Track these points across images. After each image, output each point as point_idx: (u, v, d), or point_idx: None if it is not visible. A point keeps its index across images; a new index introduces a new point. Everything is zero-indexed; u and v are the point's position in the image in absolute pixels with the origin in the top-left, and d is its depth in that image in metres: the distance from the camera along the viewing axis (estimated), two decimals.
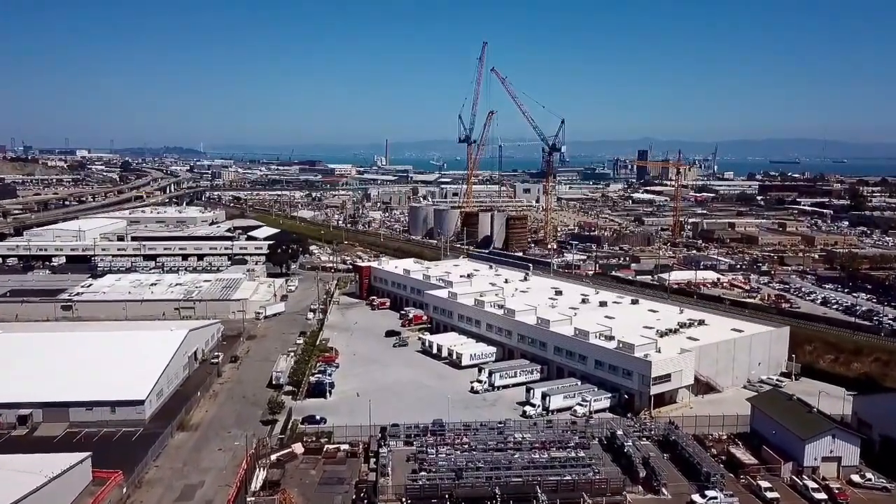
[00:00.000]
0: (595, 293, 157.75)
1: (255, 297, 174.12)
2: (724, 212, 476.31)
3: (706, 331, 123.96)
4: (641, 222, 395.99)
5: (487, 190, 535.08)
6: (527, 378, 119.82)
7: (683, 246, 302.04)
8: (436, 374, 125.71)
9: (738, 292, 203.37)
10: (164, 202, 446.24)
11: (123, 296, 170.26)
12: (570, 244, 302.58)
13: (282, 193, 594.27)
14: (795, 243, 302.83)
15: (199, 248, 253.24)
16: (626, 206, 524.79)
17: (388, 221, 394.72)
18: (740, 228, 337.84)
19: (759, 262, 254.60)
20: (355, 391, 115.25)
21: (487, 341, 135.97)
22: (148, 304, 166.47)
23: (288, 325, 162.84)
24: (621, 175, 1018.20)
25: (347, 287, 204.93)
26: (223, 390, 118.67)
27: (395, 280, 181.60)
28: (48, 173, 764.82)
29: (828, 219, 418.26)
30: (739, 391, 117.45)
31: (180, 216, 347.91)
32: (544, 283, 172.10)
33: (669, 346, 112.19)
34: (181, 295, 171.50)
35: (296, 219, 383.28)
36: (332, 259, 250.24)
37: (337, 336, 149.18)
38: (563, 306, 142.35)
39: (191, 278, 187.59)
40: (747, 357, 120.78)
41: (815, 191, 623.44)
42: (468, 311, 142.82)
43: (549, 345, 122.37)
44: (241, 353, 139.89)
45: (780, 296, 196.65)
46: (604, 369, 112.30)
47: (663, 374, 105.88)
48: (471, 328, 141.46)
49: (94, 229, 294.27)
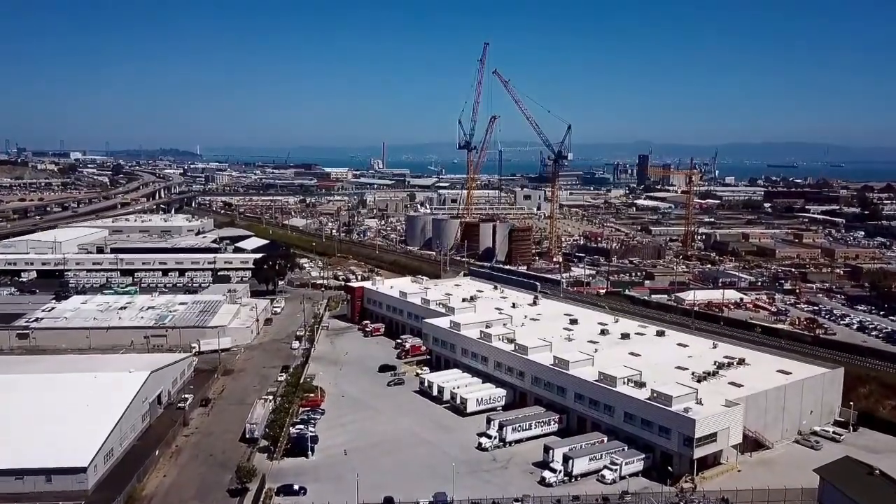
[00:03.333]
0: (614, 321, 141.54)
1: (235, 323, 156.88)
2: (731, 220, 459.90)
3: (749, 373, 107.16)
4: (648, 231, 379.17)
5: (487, 195, 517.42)
6: (543, 430, 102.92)
7: (696, 259, 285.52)
8: (436, 423, 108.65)
9: (763, 315, 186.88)
10: (150, 209, 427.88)
11: (87, 322, 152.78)
12: (576, 257, 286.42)
13: (275, 199, 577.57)
14: (815, 257, 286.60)
15: (181, 262, 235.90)
16: (630, 213, 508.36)
17: (385, 230, 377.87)
18: (754, 240, 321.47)
19: (781, 279, 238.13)
20: (342, 448, 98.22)
21: (495, 381, 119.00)
22: (114, 331, 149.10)
23: (270, 357, 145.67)
24: (621, 180, 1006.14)
25: (338, 308, 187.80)
26: (188, 445, 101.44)
27: (391, 304, 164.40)
28: (38, 176, 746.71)
29: (841, 228, 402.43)
30: (791, 447, 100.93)
31: (165, 225, 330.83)
32: (556, 308, 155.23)
33: (710, 395, 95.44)
34: (152, 321, 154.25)
35: (287, 227, 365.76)
36: (324, 274, 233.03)
37: (324, 372, 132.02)
38: (581, 339, 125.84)
39: (165, 300, 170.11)
40: (798, 405, 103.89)
41: (822, 197, 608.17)
42: (473, 345, 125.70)
43: (569, 390, 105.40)
44: (213, 393, 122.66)
45: (812, 320, 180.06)
46: (635, 424, 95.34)
47: (708, 434, 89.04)
48: (476, 365, 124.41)
49: (72, 240, 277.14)
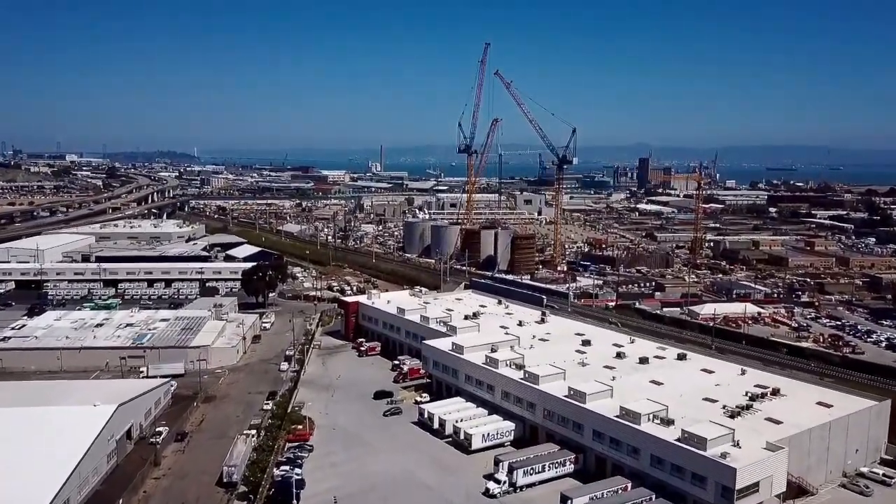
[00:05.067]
0: (630, 341, 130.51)
1: (220, 342, 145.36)
2: (737, 225, 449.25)
3: (786, 407, 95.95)
4: (653, 238, 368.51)
5: (486, 199, 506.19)
6: (557, 472, 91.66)
7: (706, 268, 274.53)
8: (437, 462, 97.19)
9: (784, 331, 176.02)
10: (142, 213, 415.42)
11: (59, 342, 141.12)
12: (581, 265, 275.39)
13: (271, 203, 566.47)
14: (829, 265, 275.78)
15: (168, 272, 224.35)
16: (633, 218, 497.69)
17: (382, 236, 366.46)
18: (765, 247, 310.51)
19: (797, 290, 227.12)
20: (332, 494, 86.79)
21: (503, 412, 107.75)
22: (88, 352, 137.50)
23: (256, 380, 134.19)
24: (621, 183, 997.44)
25: (332, 323, 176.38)
26: (158, 491, 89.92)
27: (387, 320, 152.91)
28: (31, 179, 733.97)
29: (851, 234, 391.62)
30: (837, 492, 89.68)
31: (155, 231, 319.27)
32: (566, 326, 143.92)
33: (747, 435, 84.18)
34: (130, 339, 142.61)
35: (281, 233, 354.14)
36: (318, 285, 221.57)
37: (314, 399, 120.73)
38: (596, 364, 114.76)
39: (145, 317, 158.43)
40: (843, 444, 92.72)
41: (827, 202, 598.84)
42: (478, 371, 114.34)
43: (587, 427, 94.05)
44: (191, 425, 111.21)
45: (836, 336, 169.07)
46: (664, 469, 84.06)
47: (751, 484, 77.90)
48: (481, 394, 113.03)
49: (56, 247, 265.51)
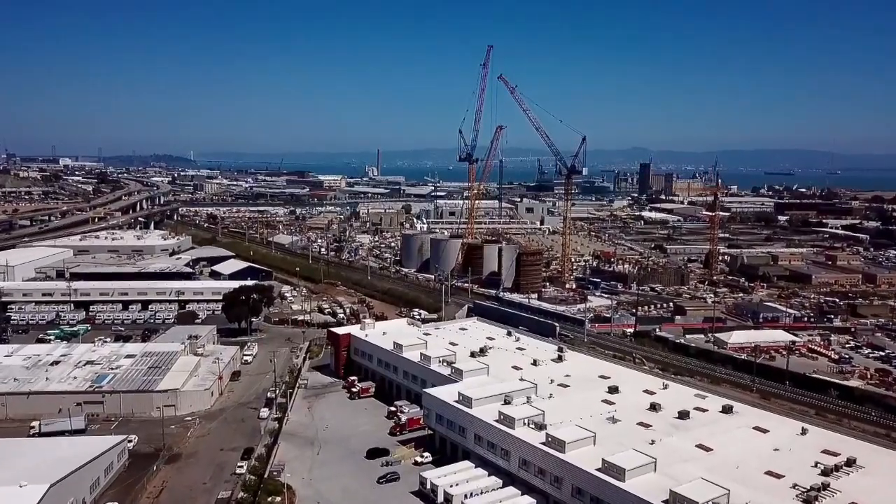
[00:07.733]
0: (662, 387, 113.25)
1: (191, 385, 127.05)
2: (747, 235, 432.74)
3: (870, 485, 78.43)
4: (663, 250, 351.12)
5: (486, 206, 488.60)
6: None
7: (724, 286, 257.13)
8: None
9: (825, 363, 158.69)
10: (127, 223, 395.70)
11: (6, 384, 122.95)
12: (591, 282, 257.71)
13: (263, 210, 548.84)
14: (855, 283, 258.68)
15: (145, 292, 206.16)
16: (639, 227, 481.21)
17: (378, 248, 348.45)
18: (784, 262, 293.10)
19: (828, 313, 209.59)
20: None
21: (521, 483, 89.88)
22: (38, 397, 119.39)
23: (231, 432, 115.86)
24: (622, 188, 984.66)
25: (321, 355, 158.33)
26: None
27: (383, 357, 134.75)
28: (19, 185, 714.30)
29: (869, 246, 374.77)
30: None
31: (137, 244, 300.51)
32: (587, 366, 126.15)
33: None
34: (88, 381, 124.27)
35: (272, 245, 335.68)
36: (307, 307, 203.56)
37: (297, 458, 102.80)
38: (628, 420, 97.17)
39: (108, 352, 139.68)
40: None
41: (835, 209, 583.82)
42: (490, 431, 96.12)
43: None
44: (147, 498, 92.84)
45: (885, 371, 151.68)
46: None
47: None
48: (495, 459, 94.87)
49: (29, 263, 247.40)
